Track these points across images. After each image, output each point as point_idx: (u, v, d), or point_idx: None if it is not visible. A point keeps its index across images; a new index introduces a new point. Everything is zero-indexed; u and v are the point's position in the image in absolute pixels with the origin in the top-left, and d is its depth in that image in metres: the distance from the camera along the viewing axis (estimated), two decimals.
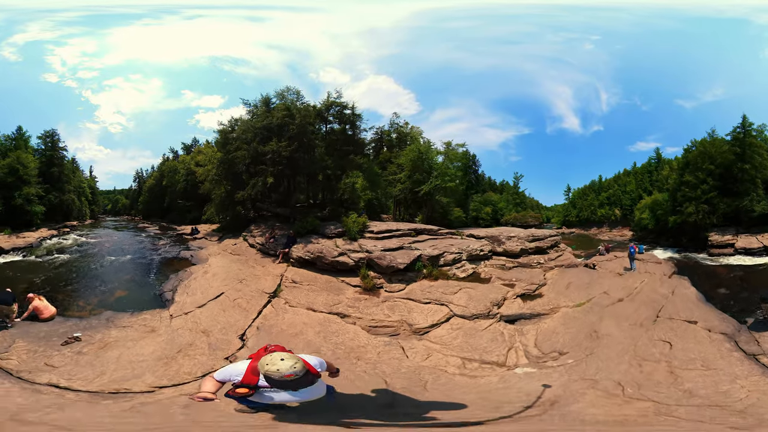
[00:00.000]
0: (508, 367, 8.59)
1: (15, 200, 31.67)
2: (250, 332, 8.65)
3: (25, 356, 7.34)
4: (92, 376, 6.72)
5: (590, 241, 59.19)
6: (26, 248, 24.66)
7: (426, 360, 8.44)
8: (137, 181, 73.18)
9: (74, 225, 40.98)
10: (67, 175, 43.43)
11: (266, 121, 21.59)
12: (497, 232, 22.26)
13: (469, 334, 10.04)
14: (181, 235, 30.77)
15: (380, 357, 8.22)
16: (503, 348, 9.55)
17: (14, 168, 32.55)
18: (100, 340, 8.09)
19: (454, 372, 8.01)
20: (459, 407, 5.53)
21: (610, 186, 66.67)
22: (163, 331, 8.48)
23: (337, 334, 9.13)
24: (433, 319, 10.67)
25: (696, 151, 36.45)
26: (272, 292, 11.61)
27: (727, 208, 33.16)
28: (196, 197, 40.06)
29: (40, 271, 17.53)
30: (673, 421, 5.14)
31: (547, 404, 5.58)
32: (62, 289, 13.49)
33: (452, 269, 15.37)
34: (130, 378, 6.57)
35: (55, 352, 7.61)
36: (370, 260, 13.69)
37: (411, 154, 25.86)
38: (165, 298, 11.19)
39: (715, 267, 26.39)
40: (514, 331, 10.78)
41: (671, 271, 17.55)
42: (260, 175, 20.70)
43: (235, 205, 23.85)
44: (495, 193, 64.75)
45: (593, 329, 10.15)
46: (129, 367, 6.94)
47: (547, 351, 9.46)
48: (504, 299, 13.07)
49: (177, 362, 7.06)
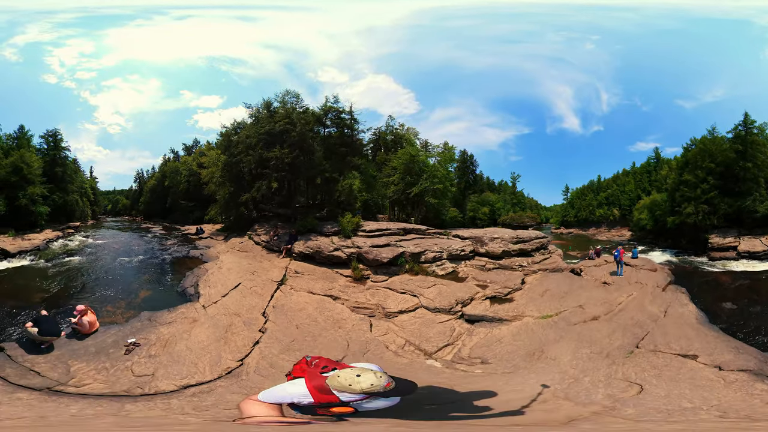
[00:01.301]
0: (429, 356, 9.59)
1: (19, 200, 31.19)
2: (269, 310, 11.16)
3: (99, 376, 7.16)
4: (185, 370, 7.40)
5: (588, 241, 60.07)
6: (33, 251, 24.58)
7: (382, 336, 10.46)
8: (138, 181, 75.71)
9: (77, 226, 41.69)
10: (70, 176, 44.20)
11: (269, 127, 24.10)
12: (482, 233, 22.95)
13: (425, 324, 11.44)
14: (186, 235, 33.18)
15: (353, 328, 10.84)
16: (443, 342, 10.42)
17: (18, 167, 32.03)
18: (158, 339, 8.69)
19: (392, 349, 9.80)
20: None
21: (608, 186, 68.48)
22: (204, 319, 10.04)
23: (329, 310, 11.81)
24: (403, 306, 12.75)
25: (696, 149, 35.82)
26: (280, 280, 14.21)
27: (729, 208, 32.28)
28: (198, 198, 42.44)
29: (53, 277, 17.58)
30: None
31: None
32: (85, 296, 13.69)
33: (432, 266, 17.25)
34: (217, 361, 7.81)
35: (126, 362, 7.70)
36: (359, 255, 16.34)
37: (404, 157, 27.89)
38: (189, 293, 13.05)
39: (718, 274, 24.62)
40: (466, 330, 11.34)
41: (666, 281, 16.02)
42: (263, 178, 23.25)
43: (239, 206, 26.24)
44: (493, 194, 66.32)
45: (541, 348, 9.44)
46: (203, 353, 8.11)
47: (474, 356, 9.59)
48: (471, 299, 13.83)
49: (230, 339, 8.99)
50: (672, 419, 5.48)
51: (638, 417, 5.46)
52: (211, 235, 29.54)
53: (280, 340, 9.34)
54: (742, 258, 28.30)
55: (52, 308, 11.47)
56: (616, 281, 16.02)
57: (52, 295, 14.03)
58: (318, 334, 10.09)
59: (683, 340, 9.15)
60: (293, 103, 27.39)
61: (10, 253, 22.79)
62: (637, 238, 53.43)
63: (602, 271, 18.24)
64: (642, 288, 14.39)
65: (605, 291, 14.52)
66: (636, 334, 9.75)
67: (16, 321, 10.58)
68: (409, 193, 26.82)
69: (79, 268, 19.70)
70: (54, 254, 24.58)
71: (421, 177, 27.09)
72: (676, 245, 37.08)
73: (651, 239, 46.28)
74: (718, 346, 8.71)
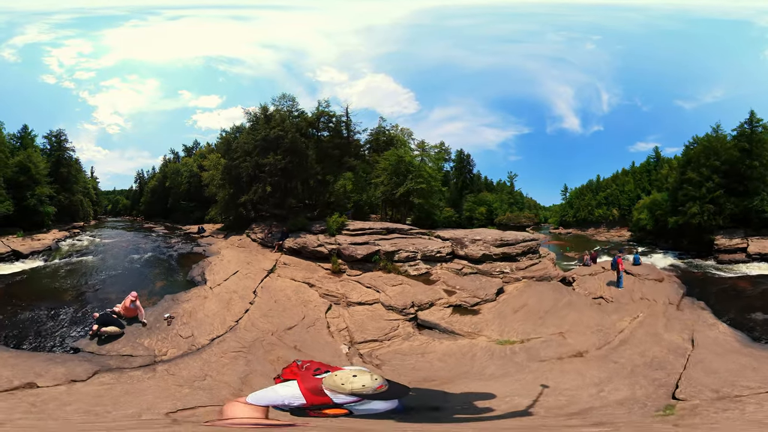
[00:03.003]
0: (351, 344, 11.04)
1: (28, 200, 32.44)
2: (258, 290, 14.62)
3: (166, 344, 9.63)
4: (208, 329, 10.41)
5: (587, 242, 61.45)
6: (44, 251, 25.84)
7: (332, 318, 12.68)
8: (138, 182, 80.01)
9: (82, 226, 43.69)
10: (75, 176, 46.72)
11: (264, 133, 27.60)
12: (463, 234, 23.10)
13: (373, 318, 12.69)
14: (188, 234, 36.95)
15: (314, 308, 13.64)
16: (373, 337, 11.59)
17: (25, 166, 33.18)
18: (184, 312, 11.63)
19: (332, 330, 11.84)
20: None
21: (607, 185, 70.51)
22: (211, 296, 13.40)
23: (302, 293, 14.91)
24: (364, 299, 14.65)
25: (699, 147, 35.92)
26: (270, 269, 17.73)
27: (735, 208, 32.24)
28: (199, 198, 46.07)
29: (73, 275, 19.50)
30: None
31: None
32: (113, 289, 16.08)
33: (405, 266, 18.63)
34: (223, 322, 11.21)
35: (171, 331, 10.24)
36: (339, 251, 19.54)
37: (391, 158, 29.58)
38: (197, 280, 16.59)
39: (733, 279, 23.27)
40: (406, 334, 11.83)
41: (679, 295, 13.93)
42: (260, 181, 26.78)
43: (238, 206, 29.83)
44: (491, 193, 68.10)
45: (459, 382, 8.11)
46: (215, 318, 11.45)
47: (380, 359, 9.87)
48: (431, 304, 14.13)
49: (230, 307, 12.42)
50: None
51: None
52: (212, 234, 33.21)
53: (262, 310, 12.80)
54: (753, 260, 27.44)
55: (88, 304, 13.99)
56: (616, 296, 13.87)
57: (80, 292, 16.02)
58: (288, 308, 13.34)
59: (742, 373, 7.18)
60: (289, 107, 30.97)
61: (23, 254, 23.96)
62: (637, 238, 54.34)
63: (598, 281, 16.07)
64: (650, 306, 11.98)
65: (600, 311, 12.12)
66: (659, 380, 7.31)
67: (61, 322, 12.32)
68: (395, 193, 28.70)
69: (95, 266, 22.12)
70: (66, 254, 26.21)
71: (407, 177, 28.44)
72: (678, 246, 37.10)
73: (651, 240, 46.86)
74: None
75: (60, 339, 10.84)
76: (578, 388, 7.09)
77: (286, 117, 29.47)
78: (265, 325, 11.14)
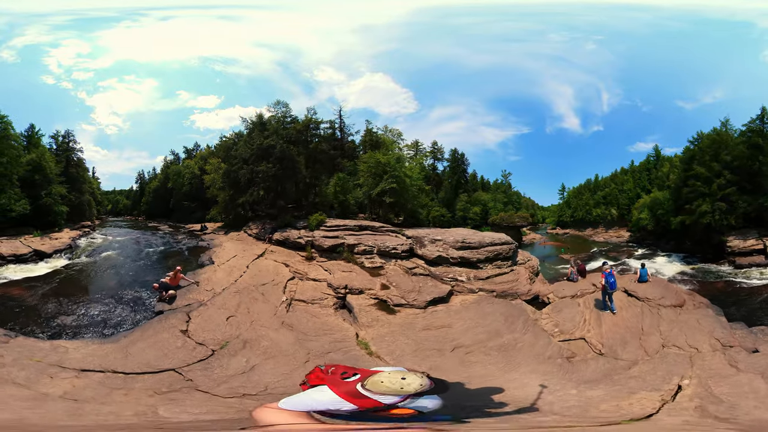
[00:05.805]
0: (290, 303, 15.82)
1: (44, 199, 34.78)
2: (249, 266, 21.92)
3: (203, 296, 15.44)
4: (220, 285, 16.93)
5: (584, 242, 66.33)
6: (66, 250, 28.59)
7: (292, 286, 18.01)
8: (139, 182, 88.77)
9: (89, 225, 47.74)
10: (83, 176, 51.52)
11: (258, 142, 34.83)
12: (425, 233, 25.12)
13: (315, 289, 17.78)
14: (192, 232, 44.96)
15: (282, 277, 19.16)
16: (305, 300, 16.41)
17: (39, 165, 35.29)
18: (204, 279, 17.82)
19: (286, 292, 16.97)
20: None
21: (606, 185, 74.35)
22: (219, 270, 19.79)
23: (279, 270, 20.84)
24: (318, 277, 19.74)
25: (707, 141, 36.20)
26: (260, 254, 25.22)
27: (749, 206, 31.89)
28: (200, 199, 53.75)
29: (108, 268, 24.43)
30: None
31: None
32: (145, 273, 22.79)
33: (362, 258, 22.66)
34: (227, 281, 17.83)
35: (202, 290, 16.15)
36: (312, 242, 26.64)
37: (370, 161, 34.25)
38: (206, 262, 23.68)
39: (761, 288, 21.16)
40: (330, 306, 15.92)
41: (726, 327, 10.53)
42: (256, 185, 34.06)
43: (237, 207, 37.44)
44: (487, 193, 71.71)
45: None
46: (223, 279, 17.96)
47: (288, 322, 13.75)
48: (361, 291, 17.33)
49: (231, 274, 19.40)
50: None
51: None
52: (213, 231, 40.84)
53: (250, 275, 19.96)
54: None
55: (136, 285, 20.12)
56: (610, 342, 10.40)
57: (123, 280, 21.77)
58: (266, 276, 20.04)
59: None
60: (283, 113, 37.67)
61: (47, 254, 26.21)
62: (637, 239, 58.56)
63: (579, 311, 12.73)
64: (692, 365, 8.17)
65: (565, 376, 8.36)
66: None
67: (129, 302, 17.58)
68: (371, 194, 34.22)
69: (119, 259, 27.50)
70: (87, 252, 29.64)
71: (382, 178, 32.66)
72: (680, 248, 36.81)
73: (651, 240, 49.84)
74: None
75: (144, 309, 16.44)
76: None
77: (279, 124, 36.33)
78: (250, 282, 18.56)
